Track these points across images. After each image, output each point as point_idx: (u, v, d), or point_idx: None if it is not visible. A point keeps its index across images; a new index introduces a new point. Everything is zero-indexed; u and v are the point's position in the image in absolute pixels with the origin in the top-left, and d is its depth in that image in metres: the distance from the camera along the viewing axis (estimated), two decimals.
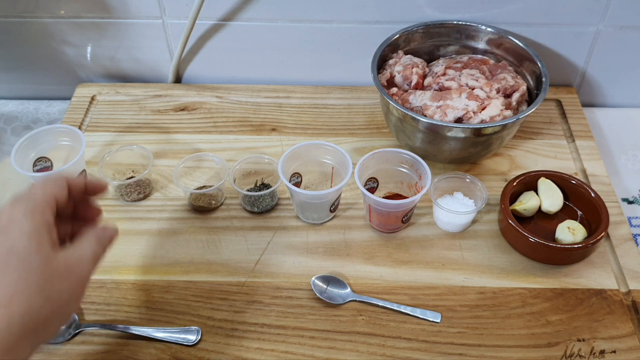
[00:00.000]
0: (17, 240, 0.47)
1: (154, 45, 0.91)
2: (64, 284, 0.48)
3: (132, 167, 0.79)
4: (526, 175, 0.74)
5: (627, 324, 0.64)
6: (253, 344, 0.63)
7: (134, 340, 0.63)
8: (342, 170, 0.72)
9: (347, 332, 0.63)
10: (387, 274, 0.69)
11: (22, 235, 0.47)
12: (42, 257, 0.47)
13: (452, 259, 0.70)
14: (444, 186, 0.74)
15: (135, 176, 0.78)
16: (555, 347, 0.62)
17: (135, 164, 0.79)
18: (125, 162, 0.78)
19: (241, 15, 0.87)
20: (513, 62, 0.83)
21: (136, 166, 0.79)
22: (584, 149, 0.83)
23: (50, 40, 0.90)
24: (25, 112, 0.93)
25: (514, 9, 0.84)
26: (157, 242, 0.72)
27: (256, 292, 0.67)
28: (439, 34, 0.86)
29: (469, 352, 0.62)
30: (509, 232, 0.70)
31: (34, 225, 0.48)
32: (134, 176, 0.78)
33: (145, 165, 0.78)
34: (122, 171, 0.78)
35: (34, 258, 0.47)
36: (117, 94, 0.92)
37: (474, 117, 0.73)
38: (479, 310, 0.65)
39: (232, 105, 0.90)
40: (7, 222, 0.48)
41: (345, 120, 0.88)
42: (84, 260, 0.50)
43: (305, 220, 0.74)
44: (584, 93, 0.94)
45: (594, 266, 0.69)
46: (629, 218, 0.76)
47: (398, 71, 0.80)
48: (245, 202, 0.75)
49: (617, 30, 0.85)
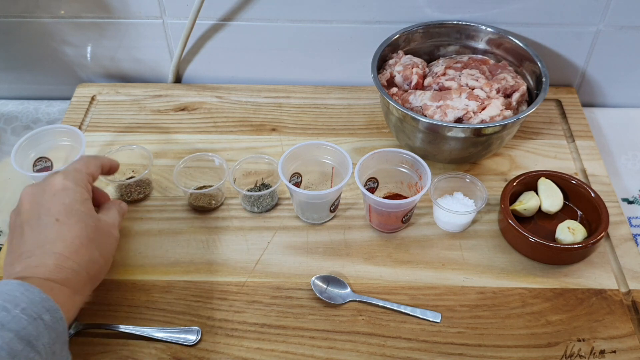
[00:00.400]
0: (74, 204, 0.57)
1: (154, 45, 0.91)
2: (108, 241, 0.60)
3: (132, 167, 0.79)
4: (526, 175, 0.74)
5: (627, 324, 0.64)
6: (253, 344, 0.63)
7: (134, 340, 0.63)
8: (342, 170, 0.72)
9: (347, 332, 0.63)
10: (387, 274, 0.69)
11: (76, 200, 0.58)
12: (93, 219, 0.59)
13: (452, 259, 0.70)
14: (444, 186, 0.74)
15: (135, 176, 0.78)
16: (555, 347, 0.62)
17: (135, 163, 0.79)
18: (125, 162, 0.78)
19: (241, 15, 0.87)
20: (513, 62, 0.83)
21: (136, 166, 0.79)
22: (584, 149, 0.83)
23: (50, 40, 0.90)
24: (25, 112, 0.93)
25: (514, 9, 0.84)
26: (157, 242, 0.72)
27: (256, 292, 0.67)
28: (439, 34, 0.86)
29: (469, 352, 0.62)
30: (509, 232, 0.70)
31: (83, 193, 0.59)
32: (134, 176, 0.78)
33: (145, 165, 0.78)
34: (122, 171, 0.78)
35: (89, 219, 0.58)
36: (117, 94, 0.92)
37: (474, 117, 0.73)
38: (479, 310, 0.65)
39: (232, 105, 0.90)
40: (61, 188, 0.58)
41: (345, 120, 0.88)
42: (115, 225, 0.62)
43: (305, 220, 0.74)
44: (584, 93, 0.94)
45: (594, 266, 0.69)
46: (629, 218, 0.76)
47: (398, 71, 0.80)
48: (245, 202, 0.75)
49: (617, 30, 0.85)
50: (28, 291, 0.49)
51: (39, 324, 0.47)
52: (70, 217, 0.56)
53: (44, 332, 0.47)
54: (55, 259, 0.53)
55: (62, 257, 0.54)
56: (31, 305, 0.48)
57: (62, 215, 0.56)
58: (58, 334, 0.49)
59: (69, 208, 0.57)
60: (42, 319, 0.48)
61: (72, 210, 0.57)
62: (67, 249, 0.54)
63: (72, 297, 0.54)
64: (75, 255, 0.55)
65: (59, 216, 0.56)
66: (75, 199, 0.58)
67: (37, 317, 0.47)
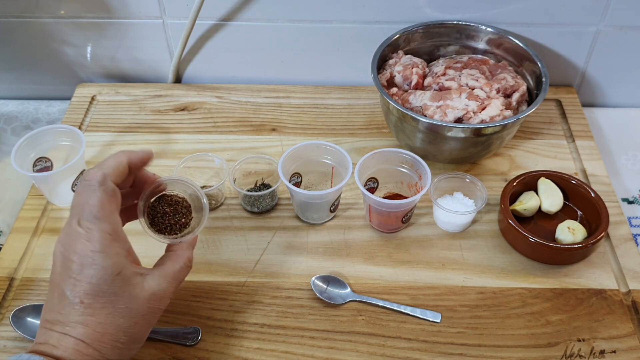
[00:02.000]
0: (100, 284, 0.50)
1: (154, 45, 0.91)
2: (145, 323, 0.53)
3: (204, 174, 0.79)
4: (526, 175, 0.74)
5: (627, 324, 0.64)
6: (253, 344, 0.63)
7: None
8: (342, 170, 0.72)
9: (347, 332, 0.63)
10: (387, 274, 0.69)
11: (104, 280, 0.50)
12: (124, 299, 0.51)
13: (452, 259, 0.70)
14: (444, 186, 0.74)
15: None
16: (555, 347, 0.62)
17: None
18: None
19: (241, 15, 0.87)
20: (513, 62, 0.83)
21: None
22: (584, 149, 0.83)
23: (50, 40, 0.90)
24: (25, 112, 0.93)
25: (514, 9, 0.84)
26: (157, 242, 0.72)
27: (256, 292, 0.67)
28: (439, 34, 0.86)
29: (469, 352, 0.62)
30: (509, 232, 0.70)
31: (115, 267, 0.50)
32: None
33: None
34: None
35: (119, 301, 0.51)
36: (117, 94, 0.92)
37: (474, 117, 0.73)
38: (479, 310, 0.65)
39: (232, 105, 0.90)
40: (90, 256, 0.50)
41: (345, 120, 0.88)
42: (168, 292, 0.55)
43: (305, 220, 0.74)
44: (584, 93, 0.94)
45: (594, 266, 0.69)
46: (629, 218, 0.76)
47: (398, 71, 0.80)
48: (245, 202, 0.75)
49: (617, 30, 0.85)
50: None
51: None
52: (97, 299, 0.50)
53: None
54: (75, 344, 0.49)
55: (82, 345, 0.50)
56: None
57: (87, 297, 0.50)
58: None
59: (96, 289, 0.50)
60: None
61: (98, 293, 0.50)
62: (88, 337, 0.50)
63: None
64: (97, 343, 0.50)
65: (84, 298, 0.50)
66: (104, 277, 0.50)
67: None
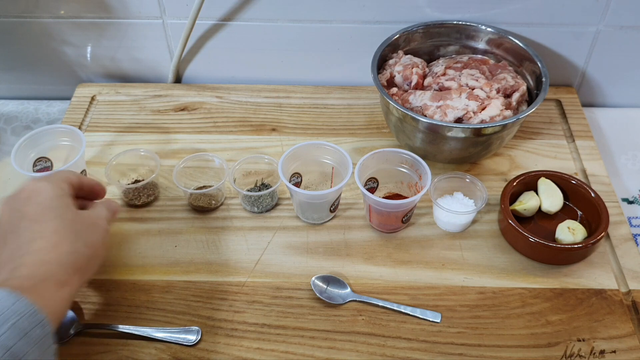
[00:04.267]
0: (48, 201, 0.56)
1: (154, 45, 0.91)
2: (94, 233, 0.58)
3: (135, 168, 0.79)
4: (526, 175, 0.74)
5: (627, 324, 0.64)
6: (253, 344, 0.63)
7: (134, 340, 0.63)
8: (342, 170, 0.72)
9: (347, 332, 0.63)
10: (387, 274, 0.69)
11: (50, 198, 0.56)
12: (73, 212, 0.57)
13: (452, 259, 0.70)
14: (444, 186, 0.74)
15: (140, 179, 0.77)
16: (555, 347, 0.62)
17: (136, 164, 0.79)
18: (129, 163, 0.78)
19: (241, 15, 0.87)
20: (513, 62, 0.83)
21: (137, 167, 0.79)
22: (584, 149, 0.83)
23: (50, 40, 0.90)
24: (25, 112, 0.93)
25: (514, 9, 0.84)
26: (157, 242, 0.72)
27: (256, 292, 0.67)
28: (439, 34, 0.86)
29: (469, 352, 0.62)
30: (509, 232, 0.70)
31: (57, 190, 0.57)
32: (139, 179, 0.78)
33: (148, 167, 0.78)
34: (126, 174, 0.78)
35: (68, 213, 0.56)
36: (117, 94, 0.92)
37: (474, 117, 0.73)
38: (479, 310, 0.65)
39: (232, 105, 0.90)
40: (34, 189, 0.56)
41: (345, 120, 0.88)
42: (101, 217, 0.61)
43: (305, 220, 0.74)
44: (584, 93, 0.94)
45: (594, 266, 0.69)
46: (629, 218, 0.76)
47: (398, 71, 0.80)
48: (245, 202, 0.75)
49: (617, 30, 0.85)
50: (16, 304, 0.48)
51: (29, 339, 0.47)
52: (46, 213, 0.55)
53: (34, 348, 0.47)
54: (35, 256, 0.53)
55: (42, 252, 0.53)
56: (21, 319, 0.47)
57: (37, 214, 0.55)
58: (46, 347, 0.49)
59: (43, 206, 0.56)
60: (31, 335, 0.47)
61: (47, 207, 0.55)
62: (45, 244, 0.53)
63: (58, 290, 0.53)
64: (55, 248, 0.54)
65: (34, 216, 0.55)
66: (49, 196, 0.56)
67: (27, 333, 0.47)
